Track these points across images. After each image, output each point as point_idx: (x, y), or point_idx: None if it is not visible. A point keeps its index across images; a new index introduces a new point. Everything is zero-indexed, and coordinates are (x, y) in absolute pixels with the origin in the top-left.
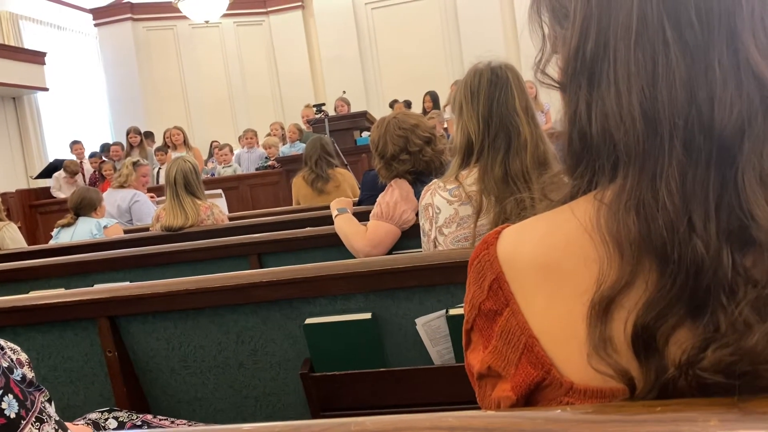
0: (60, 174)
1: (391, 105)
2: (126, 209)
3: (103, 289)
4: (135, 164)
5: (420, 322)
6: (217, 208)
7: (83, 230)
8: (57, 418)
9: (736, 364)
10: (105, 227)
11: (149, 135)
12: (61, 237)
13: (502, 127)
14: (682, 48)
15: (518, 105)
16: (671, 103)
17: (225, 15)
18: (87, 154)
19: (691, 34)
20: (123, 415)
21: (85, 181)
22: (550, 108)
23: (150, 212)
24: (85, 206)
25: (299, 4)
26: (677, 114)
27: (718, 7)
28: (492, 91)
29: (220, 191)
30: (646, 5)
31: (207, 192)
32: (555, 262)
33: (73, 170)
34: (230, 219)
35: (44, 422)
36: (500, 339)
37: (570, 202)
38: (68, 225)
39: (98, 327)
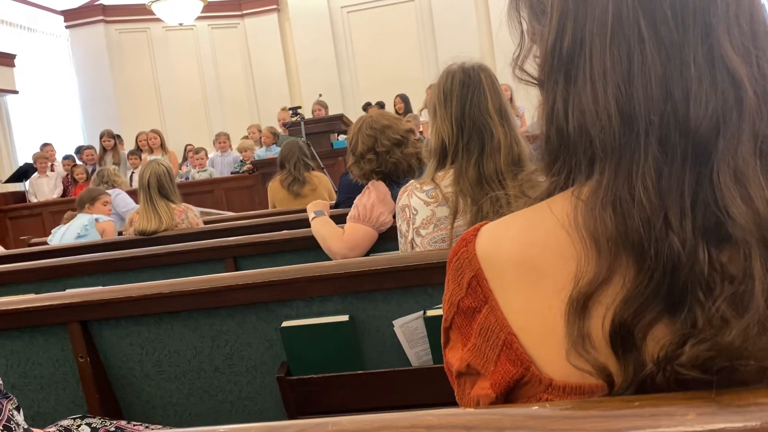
0: (34, 176)
1: (365, 108)
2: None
3: (74, 293)
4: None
5: (398, 323)
6: (191, 212)
7: (75, 225)
8: (25, 426)
9: (713, 359)
10: (97, 220)
11: (119, 138)
12: (56, 236)
13: (475, 129)
14: (657, 45)
15: (491, 106)
16: (647, 99)
17: (199, 18)
18: (59, 156)
19: (667, 30)
20: (96, 421)
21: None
22: (525, 111)
23: (127, 203)
24: (82, 198)
25: (275, 7)
26: (653, 111)
27: (692, 4)
28: (464, 93)
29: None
30: (621, 2)
31: None
32: (533, 258)
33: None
34: (205, 223)
35: (12, 430)
36: (479, 336)
37: (547, 199)
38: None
39: (69, 332)
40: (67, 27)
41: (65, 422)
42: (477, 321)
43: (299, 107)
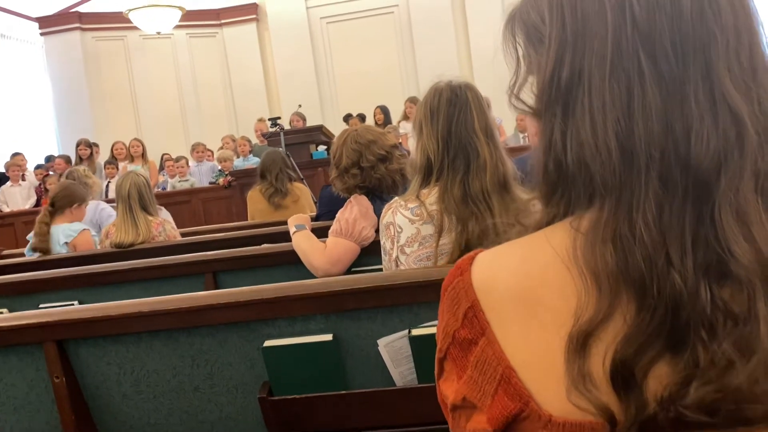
0: (6, 185)
1: (346, 119)
2: (96, 222)
3: (50, 312)
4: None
5: (382, 343)
6: (169, 224)
7: (58, 238)
8: None
9: (720, 401)
10: (71, 236)
11: (96, 146)
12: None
13: (460, 147)
14: (657, 79)
15: (477, 126)
16: (647, 135)
17: (177, 26)
18: (30, 166)
19: (667, 65)
20: None
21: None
22: (503, 122)
23: (111, 215)
24: (61, 199)
25: (254, 17)
26: (654, 146)
27: (692, 39)
28: (451, 111)
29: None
30: (621, 34)
31: None
32: (532, 291)
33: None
34: (183, 235)
35: None
36: (476, 369)
37: (545, 228)
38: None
39: (45, 352)
40: (42, 34)
41: None
42: (473, 353)
43: (278, 118)
